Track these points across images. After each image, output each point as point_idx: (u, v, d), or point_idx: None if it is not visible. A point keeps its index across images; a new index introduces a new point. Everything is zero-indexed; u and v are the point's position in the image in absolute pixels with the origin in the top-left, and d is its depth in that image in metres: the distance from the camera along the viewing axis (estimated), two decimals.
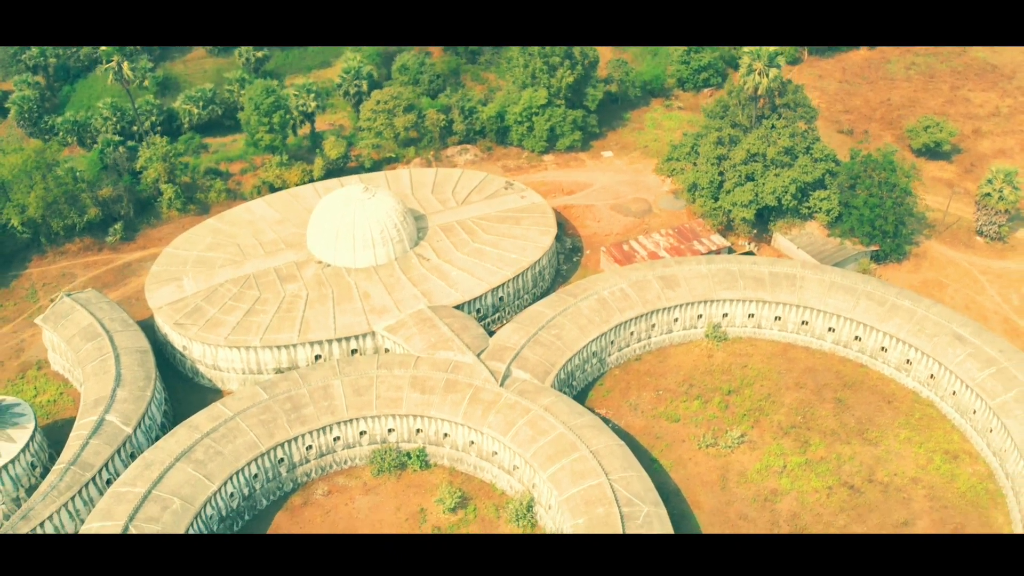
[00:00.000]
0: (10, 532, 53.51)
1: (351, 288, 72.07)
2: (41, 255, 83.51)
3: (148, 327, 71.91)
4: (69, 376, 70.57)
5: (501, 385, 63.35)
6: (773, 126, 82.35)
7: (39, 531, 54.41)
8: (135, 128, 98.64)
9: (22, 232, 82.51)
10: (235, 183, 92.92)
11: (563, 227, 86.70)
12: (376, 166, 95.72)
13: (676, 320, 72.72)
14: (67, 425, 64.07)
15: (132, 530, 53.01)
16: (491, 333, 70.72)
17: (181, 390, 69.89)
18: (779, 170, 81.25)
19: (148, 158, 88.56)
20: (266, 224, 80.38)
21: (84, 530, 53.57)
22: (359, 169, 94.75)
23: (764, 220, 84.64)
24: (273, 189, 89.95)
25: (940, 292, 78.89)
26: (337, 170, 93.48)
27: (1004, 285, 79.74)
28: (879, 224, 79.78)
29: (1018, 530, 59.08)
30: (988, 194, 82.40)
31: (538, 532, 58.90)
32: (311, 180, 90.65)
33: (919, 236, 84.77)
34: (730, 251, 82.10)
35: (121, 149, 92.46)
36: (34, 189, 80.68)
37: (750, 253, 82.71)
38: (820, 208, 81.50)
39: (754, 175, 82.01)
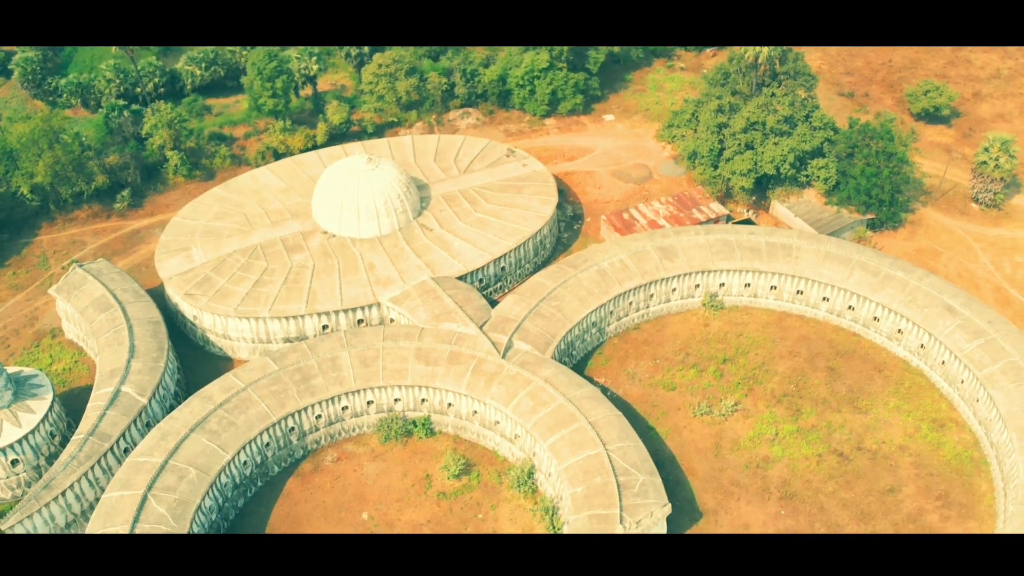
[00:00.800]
0: (33, 500, 56.05)
1: (356, 259, 73.56)
2: (51, 222, 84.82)
3: (157, 294, 73.70)
4: (83, 345, 72.48)
5: (503, 357, 65.26)
6: (773, 94, 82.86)
7: (61, 500, 56.94)
8: (138, 90, 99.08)
9: (31, 200, 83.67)
10: (239, 148, 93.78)
11: (564, 194, 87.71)
12: (378, 130, 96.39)
13: (674, 290, 74.35)
14: (83, 393, 66.31)
15: (151, 499, 55.47)
16: (493, 302, 72.46)
17: (192, 358, 71.93)
18: (778, 139, 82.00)
19: (154, 124, 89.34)
20: (271, 193, 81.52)
21: (104, 498, 55.94)
22: (362, 134, 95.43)
23: (763, 188, 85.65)
24: (277, 155, 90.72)
25: (934, 260, 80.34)
26: (340, 135, 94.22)
27: (997, 253, 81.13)
28: (875, 193, 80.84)
29: (1000, 496, 61.54)
30: (984, 162, 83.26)
31: (538, 498, 61.36)
32: (315, 146, 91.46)
33: (915, 203, 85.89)
34: (729, 219, 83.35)
35: (126, 114, 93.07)
36: (42, 157, 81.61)
37: (749, 221, 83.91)
38: (818, 176, 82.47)
39: (753, 144, 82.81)
